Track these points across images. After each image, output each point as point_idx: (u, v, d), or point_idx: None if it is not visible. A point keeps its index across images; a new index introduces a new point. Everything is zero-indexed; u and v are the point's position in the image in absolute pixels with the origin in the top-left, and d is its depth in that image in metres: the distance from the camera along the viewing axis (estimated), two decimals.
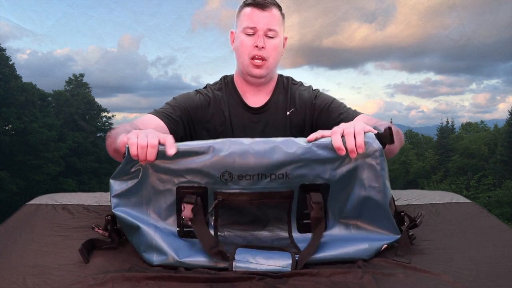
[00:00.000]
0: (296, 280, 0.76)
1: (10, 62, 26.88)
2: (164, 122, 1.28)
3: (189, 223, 0.85)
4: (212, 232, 0.89)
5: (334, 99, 1.44)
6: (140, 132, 0.86)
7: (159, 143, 0.84)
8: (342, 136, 0.86)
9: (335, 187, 0.88)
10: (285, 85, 1.48)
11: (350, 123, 0.90)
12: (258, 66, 1.35)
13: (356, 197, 0.88)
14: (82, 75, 34.50)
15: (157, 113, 1.32)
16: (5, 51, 26.84)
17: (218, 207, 0.87)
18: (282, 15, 1.40)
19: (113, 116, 35.54)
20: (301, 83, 1.52)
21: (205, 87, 1.49)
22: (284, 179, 0.85)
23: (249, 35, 1.34)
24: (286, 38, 1.45)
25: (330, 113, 1.40)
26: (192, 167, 0.84)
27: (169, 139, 0.85)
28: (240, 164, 0.84)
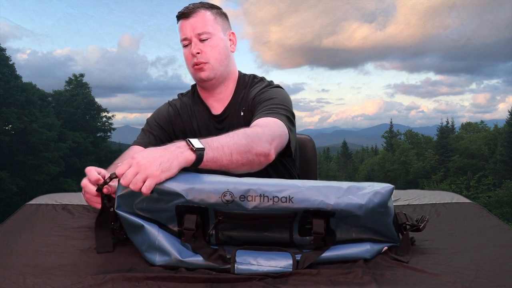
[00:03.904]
0: (296, 280, 0.76)
1: (10, 62, 26.90)
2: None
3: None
4: (213, 241, 0.87)
5: (274, 97, 1.30)
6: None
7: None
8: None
9: (340, 214, 0.84)
10: (246, 84, 1.44)
11: (152, 160, 0.82)
12: (201, 69, 1.35)
13: (362, 223, 0.86)
14: (82, 75, 34.52)
15: (139, 143, 1.37)
16: (5, 51, 26.88)
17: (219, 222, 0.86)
18: (217, 13, 1.37)
19: (113, 116, 35.59)
20: (261, 79, 1.46)
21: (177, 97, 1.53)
22: (288, 203, 0.82)
23: (186, 46, 1.37)
24: (232, 34, 1.42)
25: (254, 112, 1.29)
26: (192, 187, 0.82)
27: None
28: (242, 184, 0.82)
